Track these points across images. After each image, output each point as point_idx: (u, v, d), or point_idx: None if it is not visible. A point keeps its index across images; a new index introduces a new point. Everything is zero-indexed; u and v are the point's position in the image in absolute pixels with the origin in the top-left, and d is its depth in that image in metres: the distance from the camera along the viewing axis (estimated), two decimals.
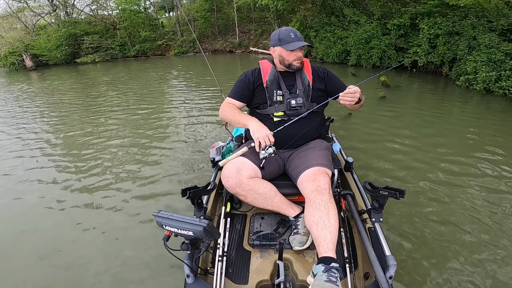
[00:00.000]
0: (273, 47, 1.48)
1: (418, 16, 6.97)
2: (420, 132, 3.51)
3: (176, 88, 7.22)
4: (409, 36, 7.42)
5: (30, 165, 3.23)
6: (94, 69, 12.89)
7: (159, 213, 0.93)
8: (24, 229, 2.13)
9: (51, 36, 15.37)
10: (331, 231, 1.11)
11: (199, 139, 3.57)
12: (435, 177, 2.50)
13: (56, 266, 1.77)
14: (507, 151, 2.92)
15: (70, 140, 3.92)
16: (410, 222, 1.96)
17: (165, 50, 16.56)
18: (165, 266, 1.68)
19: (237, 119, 1.41)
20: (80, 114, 5.22)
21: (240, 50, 15.29)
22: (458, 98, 5.06)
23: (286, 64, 1.45)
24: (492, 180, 2.43)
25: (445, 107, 4.55)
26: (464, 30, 5.78)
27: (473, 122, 3.84)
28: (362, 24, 8.50)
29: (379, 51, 7.69)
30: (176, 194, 2.40)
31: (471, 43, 5.54)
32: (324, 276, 0.98)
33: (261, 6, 11.86)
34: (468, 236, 1.83)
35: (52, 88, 8.60)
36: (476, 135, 3.37)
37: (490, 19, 5.71)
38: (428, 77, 6.87)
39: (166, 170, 2.85)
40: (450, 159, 2.81)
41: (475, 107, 4.58)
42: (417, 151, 3.01)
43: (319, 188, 1.20)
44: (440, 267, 1.61)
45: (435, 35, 6.32)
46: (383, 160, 2.84)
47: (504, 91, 4.72)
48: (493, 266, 1.61)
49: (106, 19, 17.31)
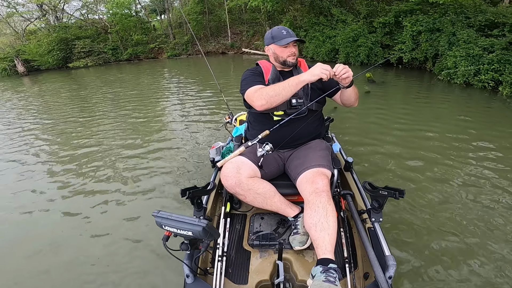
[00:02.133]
0: (267, 46, 1.48)
1: (402, 14, 7.23)
2: (403, 127, 3.63)
3: (172, 90, 7.21)
4: (394, 33, 7.67)
5: (22, 168, 3.19)
6: (87, 73, 12.88)
7: (159, 213, 0.93)
8: (20, 231, 2.11)
9: (41, 41, 15.30)
10: (330, 233, 1.11)
11: (198, 140, 3.56)
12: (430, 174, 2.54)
13: (52, 266, 1.76)
14: (492, 139, 3.10)
15: (63, 143, 3.90)
16: (410, 221, 1.96)
17: (158, 53, 16.62)
18: (165, 266, 1.68)
19: (284, 87, 1.25)
20: (75, 117, 5.23)
21: (233, 52, 15.45)
22: (441, 92, 5.29)
23: (281, 61, 1.45)
24: (476, 168, 2.56)
25: (429, 101, 4.73)
26: (444, 27, 6.04)
27: (456, 114, 4.04)
28: (349, 23, 8.75)
29: (366, 49, 7.93)
30: (175, 194, 2.38)
31: (451, 39, 5.80)
32: (322, 277, 0.99)
33: (252, 7, 12.03)
34: (458, 234, 1.84)
35: (44, 93, 8.60)
36: (460, 127, 3.52)
37: (468, 15, 5.98)
38: (413, 73, 7.12)
39: (165, 170, 2.85)
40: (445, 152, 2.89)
41: (457, 100, 4.80)
42: (404, 143, 3.13)
43: (318, 189, 1.20)
44: (440, 267, 1.61)
45: (418, 32, 6.58)
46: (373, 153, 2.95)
47: (484, 84, 4.96)
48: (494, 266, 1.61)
49: (97, 23, 17.29)
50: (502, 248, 1.72)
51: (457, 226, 1.91)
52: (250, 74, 1.47)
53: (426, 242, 1.78)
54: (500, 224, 1.90)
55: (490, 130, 3.39)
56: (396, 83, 6.29)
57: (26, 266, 1.79)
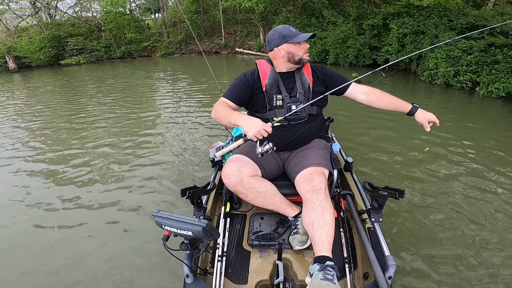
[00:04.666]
0: (277, 47, 1.37)
1: (389, 17, 7.41)
2: (388, 124, 3.71)
3: (169, 89, 7.05)
4: (382, 35, 7.86)
5: (15, 169, 3.10)
6: (79, 70, 12.81)
7: (159, 213, 0.94)
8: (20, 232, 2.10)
9: (33, 39, 15.17)
10: (326, 230, 1.11)
11: (198, 139, 3.54)
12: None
13: (51, 267, 1.75)
14: (470, 137, 3.27)
15: (58, 141, 3.81)
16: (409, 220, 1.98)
17: (151, 52, 16.59)
18: (165, 266, 1.68)
19: (227, 118, 1.30)
20: (68, 116, 5.10)
21: (226, 51, 15.51)
22: (423, 92, 5.47)
23: (297, 60, 1.38)
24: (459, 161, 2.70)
25: (414, 100, 4.84)
26: (427, 29, 6.23)
27: (436, 113, 4.19)
28: (339, 24, 8.91)
29: (355, 50, 8.10)
30: (175, 194, 2.37)
31: (434, 41, 5.98)
32: (320, 275, 0.99)
33: (246, 8, 12.14)
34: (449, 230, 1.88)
35: (35, 90, 8.55)
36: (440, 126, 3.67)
37: (451, 18, 6.17)
38: (399, 74, 7.30)
39: (165, 170, 2.83)
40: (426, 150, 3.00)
41: (438, 100, 4.97)
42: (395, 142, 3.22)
43: (315, 187, 1.20)
44: (442, 266, 1.62)
45: (404, 34, 6.75)
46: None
47: (462, 85, 5.14)
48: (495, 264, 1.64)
49: (91, 21, 17.21)
50: (505, 246, 1.72)
51: (457, 224, 1.92)
52: (237, 84, 1.41)
53: (426, 242, 1.78)
54: (499, 219, 1.93)
55: (465, 128, 3.55)
56: (382, 83, 6.44)
57: (24, 266, 1.78)
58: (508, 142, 3.18)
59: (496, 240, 1.80)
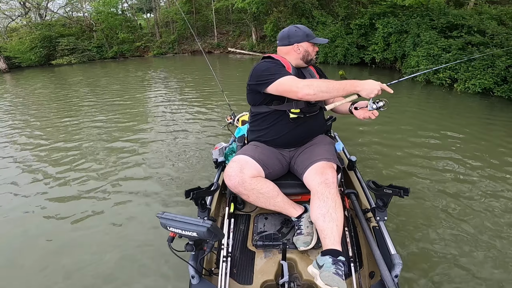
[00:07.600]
0: (298, 43, 1.41)
1: (375, 16, 7.64)
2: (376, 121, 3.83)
3: (166, 90, 6.89)
4: (368, 35, 8.09)
5: (10, 172, 3.05)
6: (70, 70, 12.75)
7: (163, 215, 0.94)
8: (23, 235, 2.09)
9: (24, 39, 15.04)
10: (338, 224, 1.12)
11: (200, 141, 3.53)
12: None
13: (55, 269, 1.75)
14: (452, 128, 3.48)
15: (54, 142, 3.76)
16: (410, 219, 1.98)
17: (144, 52, 16.61)
18: (170, 267, 1.69)
19: (341, 87, 1.21)
20: (61, 116, 5.01)
21: (219, 51, 15.64)
22: (406, 89, 5.69)
23: (309, 59, 1.45)
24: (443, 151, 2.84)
25: (396, 96, 5.02)
26: (410, 29, 6.46)
27: (416, 107, 4.42)
28: (328, 24, 9.12)
29: (343, 49, 8.31)
30: (179, 195, 2.38)
31: (416, 40, 6.22)
32: (333, 268, 0.99)
33: (238, 8, 12.28)
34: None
35: (27, 90, 8.51)
36: (420, 120, 3.86)
37: (432, 17, 6.42)
38: (385, 71, 7.55)
39: (168, 171, 2.82)
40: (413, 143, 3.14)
41: (418, 96, 5.21)
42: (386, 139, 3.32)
43: (327, 181, 1.20)
44: (447, 266, 1.62)
45: (388, 33, 6.99)
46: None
47: (441, 81, 5.37)
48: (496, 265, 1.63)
49: (82, 21, 17.13)
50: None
51: (463, 223, 1.92)
52: (273, 65, 1.36)
53: (433, 240, 1.78)
54: (506, 219, 1.93)
55: (446, 122, 3.77)
56: None
57: (26, 268, 1.78)
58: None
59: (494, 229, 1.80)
